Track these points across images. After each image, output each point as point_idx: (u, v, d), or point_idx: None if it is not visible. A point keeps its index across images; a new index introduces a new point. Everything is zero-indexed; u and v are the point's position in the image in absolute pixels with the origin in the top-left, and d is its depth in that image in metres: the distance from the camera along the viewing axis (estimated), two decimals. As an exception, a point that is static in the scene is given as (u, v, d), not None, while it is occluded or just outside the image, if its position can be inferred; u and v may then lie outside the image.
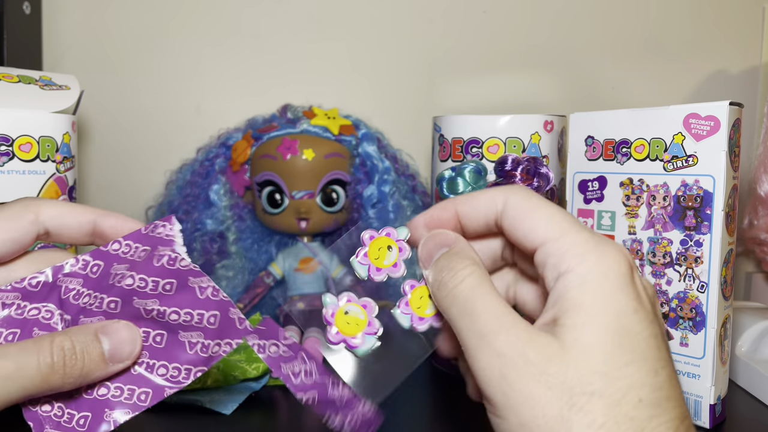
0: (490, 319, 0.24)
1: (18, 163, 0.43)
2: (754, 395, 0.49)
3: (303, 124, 0.60)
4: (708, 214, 0.42)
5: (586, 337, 0.23)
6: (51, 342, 0.25)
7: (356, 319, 0.29)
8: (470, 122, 0.51)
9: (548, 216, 0.25)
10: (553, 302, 0.24)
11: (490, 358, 0.23)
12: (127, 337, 0.27)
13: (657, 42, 0.77)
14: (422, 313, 0.29)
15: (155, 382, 0.27)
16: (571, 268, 0.24)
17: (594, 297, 0.23)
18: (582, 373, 0.22)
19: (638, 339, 0.23)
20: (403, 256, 0.30)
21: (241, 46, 0.73)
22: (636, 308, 0.23)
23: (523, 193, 0.27)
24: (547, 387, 0.22)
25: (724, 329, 0.43)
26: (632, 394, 0.22)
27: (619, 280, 0.24)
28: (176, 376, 0.28)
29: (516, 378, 0.22)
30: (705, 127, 0.41)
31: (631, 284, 0.24)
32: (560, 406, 0.22)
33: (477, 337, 0.24)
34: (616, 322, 0.23)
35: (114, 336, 0.27)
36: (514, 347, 0.23)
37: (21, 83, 0.46)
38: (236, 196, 0.63)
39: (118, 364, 0.27)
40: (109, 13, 0.71)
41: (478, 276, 0.25)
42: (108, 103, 0.72)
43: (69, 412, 0.27)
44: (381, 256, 0.29)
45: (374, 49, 0.74)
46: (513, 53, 0.76)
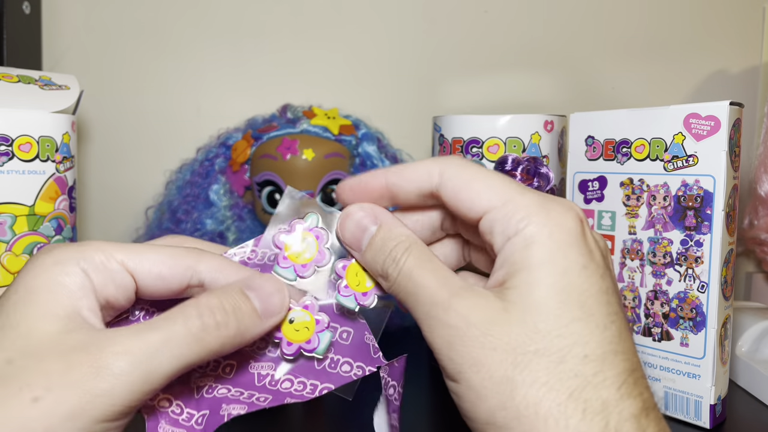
0: (433, 293, 0.24)
1: (17, 163, 0.43)
2: (755, 395, 0.49)
3: (303, 124, 0.60)
4: (708, 214, 0.42)
5: (531, 297, 0.23)
6: (197, 304, 0.24)
7: (303, 323, 0.28)
8: (470, 122, 0.51)
9: (489, 184, 0.25)
10: (500, 265, 0.24)
11: (439, 331, 0.23)
12: (273, 289, 0.26)
13: (657, 42, 0.77)
14: (363, 288, 0.28)
15: (278, 392, 0.27)
16: (518, 230, 0.24)
17: (540, 256, 0.23)
18: (526, 333, 0.22)
19: (585, 295, 0.23)
20: (323, 243, 0.29)
21: (241, 46, 0.73)
22: (585, 264, 0.23)
23: (459, 163, 0.26)
24: (491, 348, 0.22)
25: (725, 329, 0.43)
26: (576, 351, 0.22)
27: (566, 238, 0.23)
28: (300, 390, 0.27)
29: (461, 343, 0.23)
30: (705, 127, 0.41)
31: (581, 240, 0.24)
32: (505, 367, 0.22)
33: (425, 315, 0.24)
34: (563, 280, 0.23)
35: (260, 290, 0.26)
36: (458, 315, 0.23)
37: (21, 83, 0.46)
38: (236, 196, 0.63)
39: (270, 318, 0.26)
40: (109, 13, 0.71)
41: (417, 252, 0.25)
42: (108, 103, 0.72)
43: (189, 411, 0.26)
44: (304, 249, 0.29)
45: (374, 49, 0.74)
46: (513, 53, 0.76)
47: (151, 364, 0.22)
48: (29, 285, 0.23)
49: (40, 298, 0.23)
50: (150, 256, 0.25)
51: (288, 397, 0.27)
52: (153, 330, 0.23)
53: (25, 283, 0.23)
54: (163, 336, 0.23)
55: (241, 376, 0.27)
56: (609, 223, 0.46)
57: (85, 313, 0.23)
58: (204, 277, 0.26)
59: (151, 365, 0.22)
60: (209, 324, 0.24)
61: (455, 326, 0.23)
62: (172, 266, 0.26)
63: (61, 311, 0.23)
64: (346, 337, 0.28)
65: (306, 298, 0.28)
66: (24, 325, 0.22)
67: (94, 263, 0.24)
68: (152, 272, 0.25)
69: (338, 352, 0.28)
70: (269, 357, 0.28)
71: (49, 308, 0.23)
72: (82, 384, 0.21)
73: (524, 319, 0.22)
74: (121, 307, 0.26)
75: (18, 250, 0.43)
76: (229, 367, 0.28)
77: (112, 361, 0.22)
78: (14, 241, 0.43)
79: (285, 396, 0.27)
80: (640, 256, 0.45)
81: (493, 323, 0.22)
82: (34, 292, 0.23)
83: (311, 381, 0.27)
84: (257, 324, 0.25)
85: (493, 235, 0.24)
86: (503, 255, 0.24)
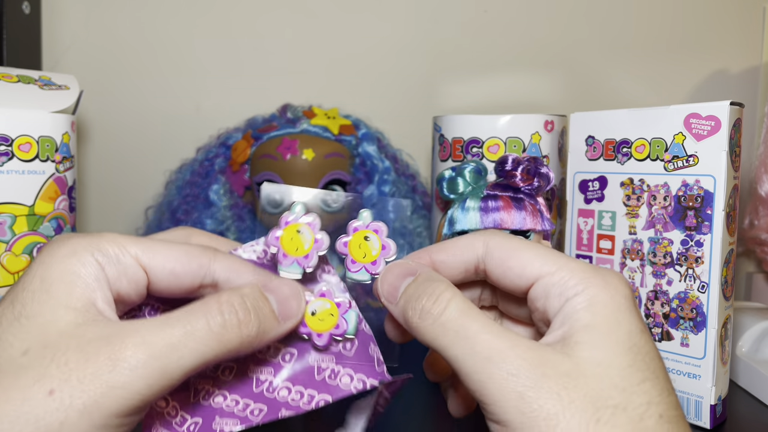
0: (492, 340, 0.23)
1: (17, 163, 0.43)
2: (755, 395, 0.49)
3: (303, 124, 0.60)
4: (709, 214, 0.41)
5: (601, 354, 0.22)
6: (218, 300, 0.23)
7: (326, 311, 0.27)
8: (470, 122, 0.51)
9: (537, 252, 0.25)
10: (560, 323, 0.24)
11: (501, 380, 0.22)
12: (290, 293, 0.26)
13: (657, 42, 0.77)
14: (370, 258, 0.28)
15: (274, 402, 0.26)
16: (578, 292, 0.24)
17: (604, 317, 0.23)
18: (602, 388, 0.22)
19: (649, 357, 0.23)
20: (317, 229, 0.28)
21: (241, 45, 0.73)
22: (642, 329, 0.24)
23: (503, 235, 0.26)
24: (569, 401, 0.21)
25: (725, 329, 0.43)
26: (652, 410, 0.22)
27: (625, 303, 0.24)
28: (297, 400, 0.27)
29: (535, 396, 0.22)
30: (706, 127, 0.41)
31: (635, 307, 0.24)
32: (585, 420, 0.21)
33: (481, 361, 0.23)
34: (628, 341, 0.23)
35: (278, 292, 0.26)
36: (527, 365, 0.22)
37: (20, 83, 0.46)
38: (236, 196, 0.63)
39: (288, 321, 0.25)
40: (108, 13, 0.71)
41: (462, 298, 0.24)
42: (108, 103, 0.72)
43: (183, 414, 0.26)
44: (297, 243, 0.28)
45: (374, 48, 0.74)
46: (513, 53, 0.76)
47: (170, 358, 0.22)
48: (45, 275, 0.23)
49: (57, 289, 0.23)
50: (164, 251, 0.25)
51: (283, 407, 0.26)
52: (173, 324, 0.22)
53: (41, 273, 0.23)
54: (184, 330, 0.22)
55: (240, 380, 0.27)
56: (609, 223, 0.46)
57: (100, 305, 0.23)
58: (218, 276, 0.26)
59: (170, 360, 0.22)
60: (231, 321, 0.23)
61: (526, 378, 0.22)
62: (186, 263, 0.25)
63: (77, 303, 0.23)
64: (350, 348, 0.28)
65: (321, 285, 0.28)
66: (41, 315, 0.22)
67: (108, 255, 0.24)
68: (166, 268, 0.25)
69: (340, 362, 0.28)
70: (270, 362, 0.28)
71: (65, 299, 0.22)
72: (98, 376, 0.21)
73: (600, 374, 0.22)
74: (132, 303, 0.25)
75: (18, 250, 0.43)
76: (229, 370, 0.27)
77: (130, 354, 0.21)
78: (14, 241, 0.43)
79: (280, 406, 0.26)
80: (640, 256, 0.45)
81: (568, 376, 0.22)
82: (51, 282, 0.23)
83: (309, 391, 0.27)
84: (276, 326, 0.25)
85: (549, 298, 0.24)
86: (563, 314, 0.24)
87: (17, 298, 0.23)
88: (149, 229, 0.65)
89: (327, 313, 0.27)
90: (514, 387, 0.22)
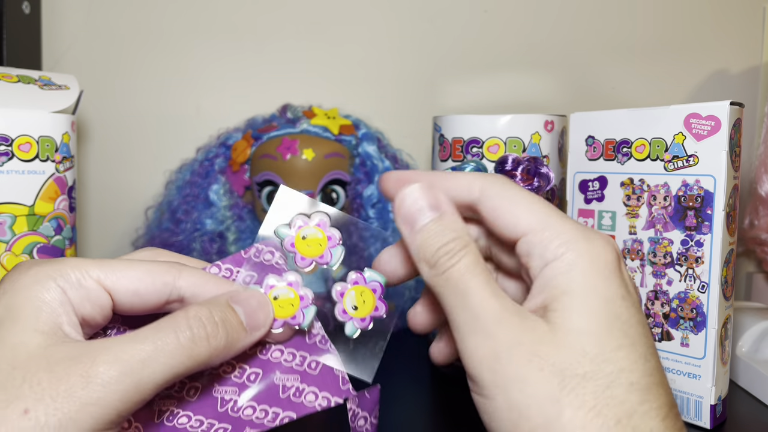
0: (484, 300, 0.24)
1: (17, 163, 0.43)
2: (755, 395, 0.49)
3: (303, 124, 0.60)
4: (709, 214, 0.41)
5: (577, 321, 0.23)
6: (186, 315, 0.24)
7: (288, 300, 0.28)
8: (470, 122, 0.51)
9: (530, 206, 0.25)
10: (540, 288, 0.24)
11: (481, 339, 0.23)
12: (257, 304, 0.26)
13: (657, 42, 0.77)
14: (362, 314, 0.28)
15: (239, 421, 0.27)
16: (558, 255, 0.24)
17: (583, 283, 0.23)
18: (573, 356, 0.22)
19: (628, 324, 0.23)
20: (331, 245, 0.29)
21: (241, 45, 0.73)
22: (624, 295, 0.23)
23: (502, 182, 0.26)
24: (538, 368, 0.22)
25: (725, 329, 0.43)
26: (623, 378, 0.22)
27: (607, 268, 0.24)
28: (261, 418, 0.27)
29: (507, 358, 0.22)
30: (706, 127, 0.41)
31: (619, 272, 0.24)
32: (551, 387, 0.22)
33: (470, 317, 0.24)
34: (606, 308, 0.23)
35: (245, 303, 0.26)
36: (507, 329, 0.23)
37: (20, 83, 0.46)
38: (236, 196, 0.63)
39: (256, 332, 0.26)
40: (108, 13, 0.71)
41: (474, 255, 0.25)
42: (108, 103, 0.72)
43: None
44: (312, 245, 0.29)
45: (374, 48, 0.74)
46: (513, 53, 0.76)
47: (142, 373, 0.22)
48: (10, 304, 0.23)
49: (23, 315, 0.23)
50: (127, 273, 0.25)
51: (248, 426, 0.27)
52: (143, 340, 0.23)
53: (6, 302, 0.24)
54: (154, 346, 0.23)
55: (204, 400, 0.27)
56: (609, 223, 0.46)
57: (66, 328, 0.24)
58: (184, 292, 0.26)
59: (142, 374, 0.22)
60: (200, 335, 0.24)
61: (503, 341, 0.23)
62: (150, 283, 0.26)
63: (44, 326, 0.23)
64: (314, 367, 0.28)
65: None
66: (8, 340, 0.22)
67: (69, 281, 0.24)
68: (129, 289, 0.25)
69: (305, 381, 0.28)
70: (234, 382, 0.28)
71: (32, 324, 0.23)
72: (71, 393, 0.21)
73: (572, 342, 0.22)
74: (98, 325, 0.26)
75: (18, 250, 0.43)
76: (194, 390, 0.27)
77: (102, 370, 0.22)
78: (14, 241, 0.43)
79: (245, 425, 0.27)
80: (640, 256, 0.45)
81: (541, 343, 0.22)
82: (16, 309, 0.23)
83: (273, 409, 0.27)
84: (243, 337, 0.26)
85: (531, 257, 0.24)
86: (543, 278, 0.24)
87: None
88: (149, 229, 0.65)
89: (288, 302, 0.28)
90: (491, 347, 0.23)
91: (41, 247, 0.44)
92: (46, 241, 0.44)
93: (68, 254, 0.46)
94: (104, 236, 0.72)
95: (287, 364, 0.28)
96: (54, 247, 0.45)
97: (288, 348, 0.29)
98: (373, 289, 0.29)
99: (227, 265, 0.29)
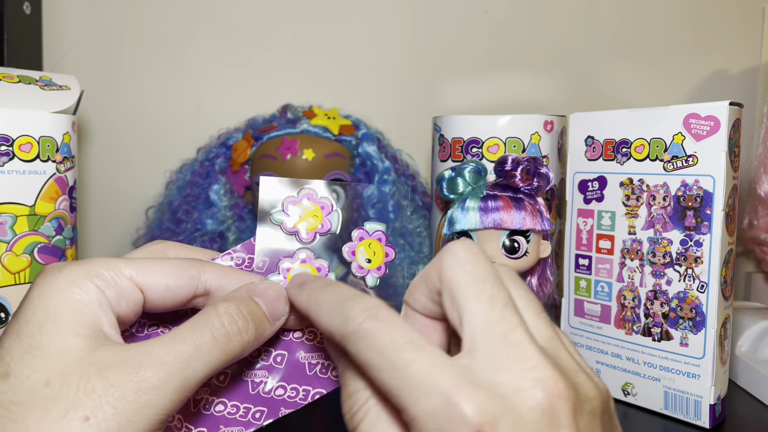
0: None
1: (18, 163, 0.43)
2: (754, 395, 0.49)
3: (303, 124, 0.60)
4: (708, 214, 0.42)
5: None
6: (217, 313, 0.25)
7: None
8: (470, 122, 0.51)
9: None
10: None
11: None
12: (276, 294, 0.27)
13: (657, 42, 0.77)
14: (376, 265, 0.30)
15: (272, 401, 0.28)
16: None
17: None
18: None
19: None
20: (326, 213, 0.31)
21: (241, 45, 0.73)
22: None
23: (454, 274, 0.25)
24: None
25: (724, 329, 0.43)
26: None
27: None
28: (293, 397, 0.28)
29: None
30: (705, 127, 0.41)
31: None
32: None
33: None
34: None
35: (265, 295, 0.27)
36: None
37: (21, 83, 0.46)
38: (236, 196, 0.63)
39: (277, 321, 0.27)
40: (109, 13, 0.71)
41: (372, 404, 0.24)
42: (108, 103, 0.72)
43: (187, 426, 0.27)
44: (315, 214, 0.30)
45: (374, 48, 0.74)
46: (513, 53, 0.76)
47: (186, 373, 0.23)
48: (49, 306, 0.23)
49: (64, 319, 0.23)
50: (157, 269, 0.26)
51: (282, 406, 0.28)
52: (182, 341, 0.24)
53: (44, 304, 0.23)
54: (194, 345, 0.24)
55: (236, 385, 0.28)
56: (609, 223, 0.46)
57: (107, 329, 0.24)
58: (210, 285, 0.27)
59: (186, 374, 0.23)
60: (233, 330, 0.25)
61: None
62: (179, 278, 0.26)
63: (86, 330, 0.23)
64: None
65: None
66: (53, 345, 0.23)
67: (105, 280, 0.25)
68: (161, 285, 0.26)
69: (329, 357, 0.29)
70: (262, 365, 0.29)
71: (75, 328, 0.23)
72: (125, 398, 0.22)
73: None
74: (129, 321, 0.26)
75: (18, 250, 0.43)
76: (224, 375, 0.28)
77: (151, 374, 0.22)
78: (15, 241, 0.43)
79: (279, 405, 0.28)
80: (639, 256, 0.45)
81: None
82: (57, 313, 0.23)
83: (303, 387, 0.28)
84: (268, 327, 0.27)
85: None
86: None
87: (23, 331, 0.23)
88: (150, 229, 0.65)
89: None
90: None
91: (42, 247, 0.44)
92: (47, 241, 0.45)
93: (69, 254, 0.46)
94: (105, 236, 0.72)
95: (309, 342, 0.29)
96: (55, 247, 0.45)
97: (308, 327, 0.29)
98: (378, 238, 0.31)
99: (239, 253, 0.29)
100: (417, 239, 0.61)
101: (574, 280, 0.49)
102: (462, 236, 0.41)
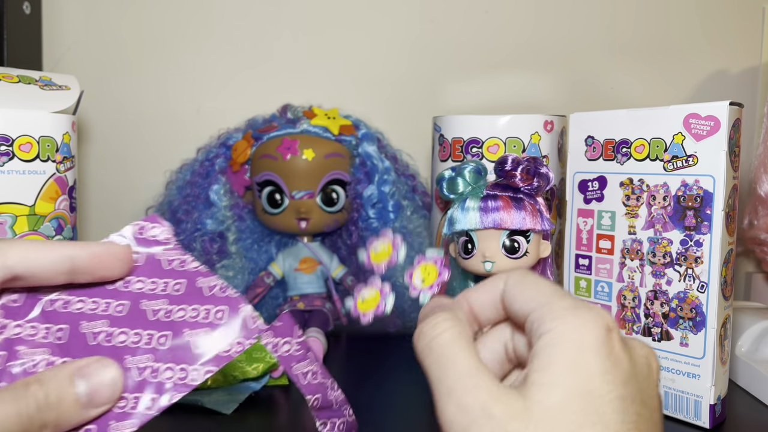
0: (460, 374, 0.24)
1: (18, 163, 0.43)
2: (754, 395, 0.49)
3: (303, 124, 0.60)
4: (708, 214, 0.42)
5: (551, 398, 0.23)
6: (26, 390, 0.23)
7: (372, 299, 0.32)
8: (470, 122, 0.51)
9: (537, 287, 0.26)
10: (530, 360, 0.24)
11: (455, 413, 0.24)
12: (108, 379, 0.25)
13: (657, 42, 0.77)
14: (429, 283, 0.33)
15: (162, 387, 0.26)
16: (547, 330, 0.24)
17: (563, 358, 0.23)
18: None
19: (602, 402, 0.23)
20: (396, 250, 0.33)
21: (241, 46, 0.73)
22: (605, 371, 0.23)
23: (522, 272, 0.28)
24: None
25: (724, 329, 0.43)
26: None
27: (592, 343, 0.24)
28: (183, 378, 0.26)
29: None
30: (705, 127, 0.41)
31: (604, 347, 0.24)
32: None
33: (446, 390, 0.24)
34: (583, 385, 0.23)
35: (93, 378, 0.24)
36: (478, 403, 0.23)
37: (21, 83, 0.46)
38: (236, 196, 0.63)
39: (95, 409, 0.24)
40: (109, 14, 0.71)
41: (457, 331, 0.26)
42: (108, 103, 0.72)
43: None
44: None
45: (375, 49, 0.74)
46: (513, 53, 0.76)
47: None
48: None
49: None
50: None
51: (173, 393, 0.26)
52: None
53: None
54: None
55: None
56: (609, 223, 0.46)
57: None
58: (17, 270, 0.25)
59: None
60: (35, 416, 0.23)
61: (473, 414, 0.23)
62: None
63: None
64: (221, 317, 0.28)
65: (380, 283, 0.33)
66: None
67: None
68: None
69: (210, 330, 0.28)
70: None
71: None
72: None
73: (544, 419, 0.23)
74: None
75: (18, 250, 0.43)
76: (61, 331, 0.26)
77: None
78: (15, 241, 0.43)
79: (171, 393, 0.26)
80: (639, 256, 0.45)
81: (513, 419, 0.23)
82: None
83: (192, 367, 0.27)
84: (77, 415, 0.24)
85: (531, 334, 0.25)
86: (533, 351, 0.24)
87: None
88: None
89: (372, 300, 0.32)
90: (460, 420, 0.23)
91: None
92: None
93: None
94: (105, 236, 0.72)
95: None
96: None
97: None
98: (434, 261, 0.33)
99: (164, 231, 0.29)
100: (417, 239, 0.61)
101: (574, 280, 0.49)
102: (462, 236, 0.41)
